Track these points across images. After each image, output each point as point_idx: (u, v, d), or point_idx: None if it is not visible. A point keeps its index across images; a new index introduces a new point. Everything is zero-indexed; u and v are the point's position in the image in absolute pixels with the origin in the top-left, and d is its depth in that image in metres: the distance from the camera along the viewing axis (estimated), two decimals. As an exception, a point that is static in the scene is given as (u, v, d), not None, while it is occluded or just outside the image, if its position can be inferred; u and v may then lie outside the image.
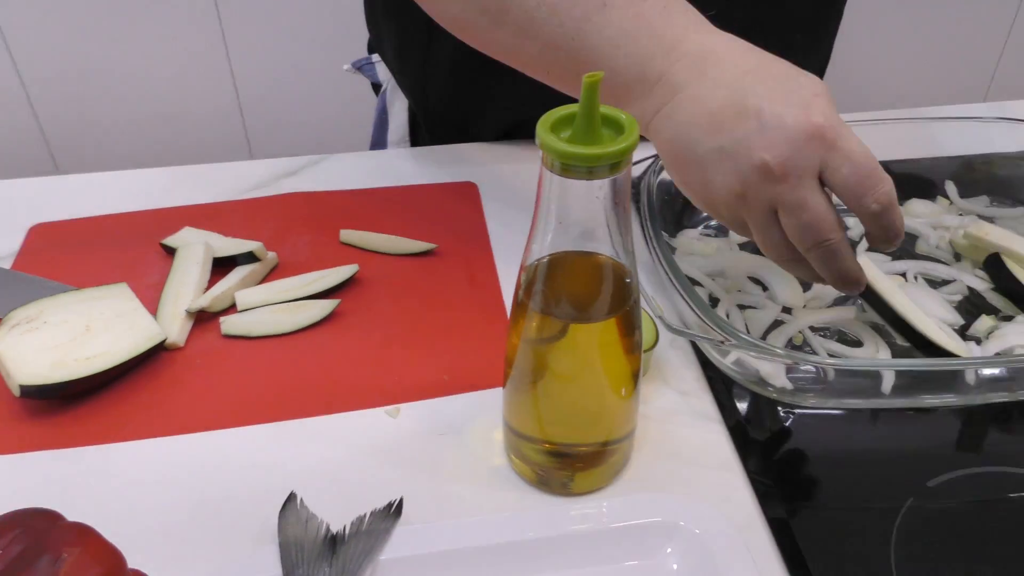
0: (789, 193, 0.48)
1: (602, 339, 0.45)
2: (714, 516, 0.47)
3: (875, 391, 0.54)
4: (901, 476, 0.53)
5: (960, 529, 0.50)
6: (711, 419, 0.56)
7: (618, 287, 0.45)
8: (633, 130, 0.40)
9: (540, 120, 0.40)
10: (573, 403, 0.47)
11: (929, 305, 0.61)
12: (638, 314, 0.47)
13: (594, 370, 0.46)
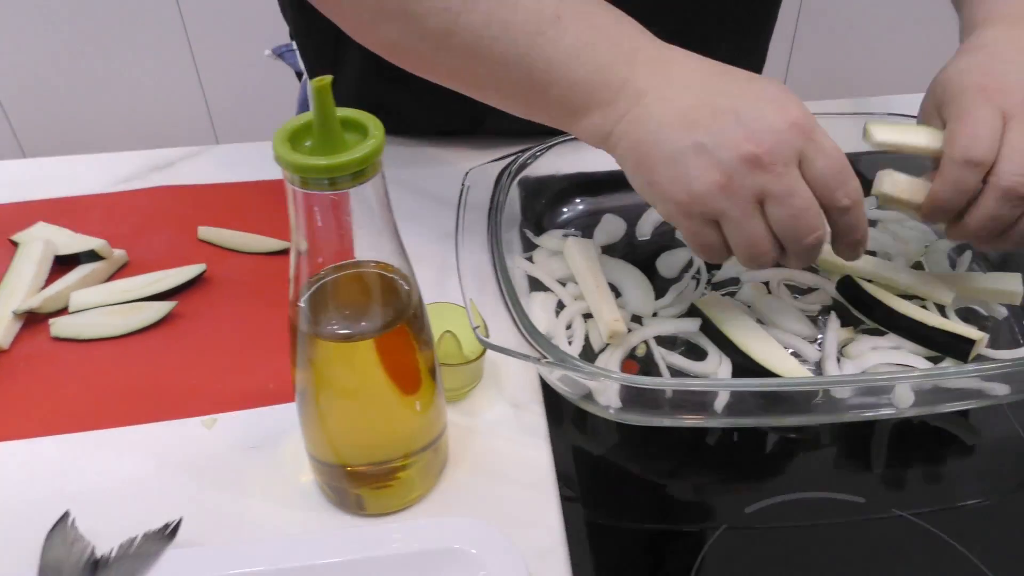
0: (776, 182, 0.47)
1: (380, 354, 0.43)
2: (502, 543, 0.45)
3: (707, 410, 0.52)
4: (722, 500, 0.50)
5: (768, 556, 0.48)
6: (538, 435, 0.54)
7: (391, 299, 0.42)
8: (377, 134, 0.37)
9: (278, 131, 0.37)
10: (354, 421, 0.45)
11: (781, 318, 0.58)
12: (422, 325, 0.45)
13: (372, 387, 0.44)
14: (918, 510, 0.49)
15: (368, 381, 0.44)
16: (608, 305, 0.57)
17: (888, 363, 0.55)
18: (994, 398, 0.53)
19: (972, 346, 0.54)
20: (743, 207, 0.48)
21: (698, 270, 0.63)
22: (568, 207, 0.69)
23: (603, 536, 0.49)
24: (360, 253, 0.41)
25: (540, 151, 0.65)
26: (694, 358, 0.57)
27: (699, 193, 0.48)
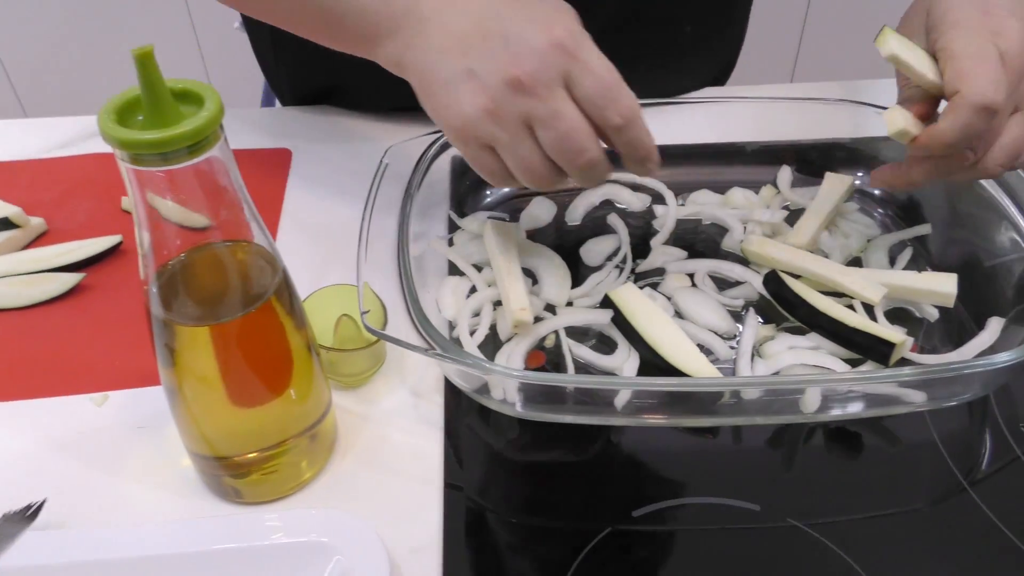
0: (541, 106, 0.47)
1: (239, 337, 0.41)
2: (368, 539, 0.43)
3: (608, 407, 0.50)
4: (610, 501, 0.48)
5: (648, 561, 0.46)
6: (433, 426, 0.52)
7: (250, 278, 0.41)
8: (212, 105, 0.35)
9: (104, 106, 0.35)
10: (217, 410, 0.43)
11: (700, 312, 0.56)
12: (291, 305, 0.43)
13: (232, 372, 0.42)
14: (815, 520, 0.47)
15: (227, 366, 0.42)
16: (517, 293, 0.55)
17: (803, 364, 0.52)
18: (910, 405, 0.50)
19: (892, 349, 0.51)
20: (512, 131, 0.48)
21: (623, 259, 0.61)
22: (500, 188, 0.67)
23: (487, 531, 0.47)
24: (212, 231, 0.39)
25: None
26: (607, 351, 0.55)
27: (470, 118, 0.48)
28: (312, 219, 0.67)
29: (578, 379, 0.51)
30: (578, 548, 0.46)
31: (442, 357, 0.46)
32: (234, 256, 0.41)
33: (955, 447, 0.51)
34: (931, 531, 0.47)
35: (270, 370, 0.43)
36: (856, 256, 0.61)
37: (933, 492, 0.49)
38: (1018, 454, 0.50)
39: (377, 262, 0.56)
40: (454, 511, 0.48)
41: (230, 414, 0.44)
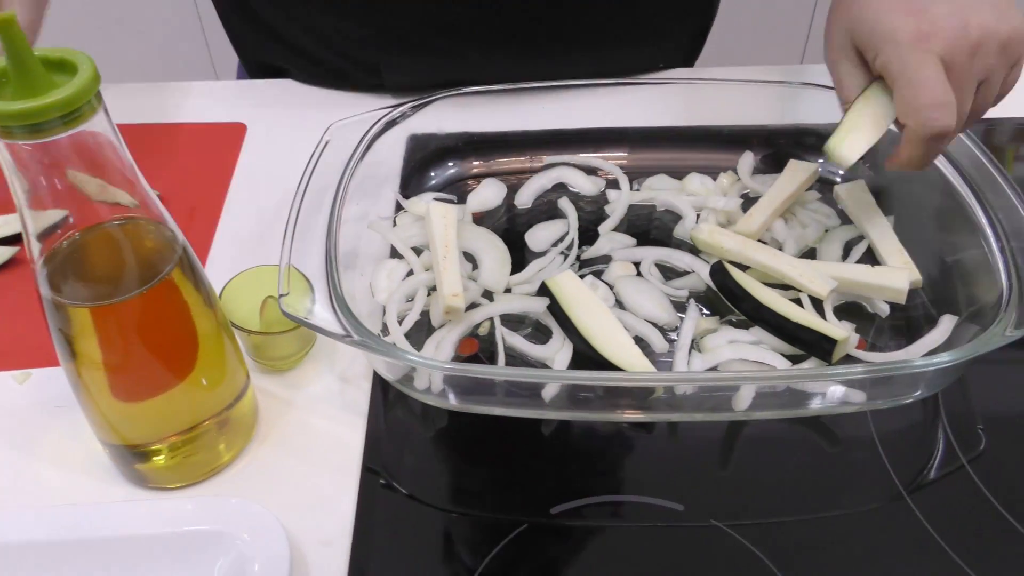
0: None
1: (132, 318, 0.40)
2: (271, 529, 0.42)
3: (536, 400, 0.48)
4: (531, 496, 0.46)
5: (560, 559, 0.44)
6: (358, 413, 0.51)
7: (143, 255, 0.39)
8: (86, 72, 0.33)
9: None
10: (120, 395, 0.42)
11: (641, 302, 0.53)
12: (198, 284, 0.41)
13: (126, 355, 0.41)
14: (739, 522, 0.45)
15: (125, 349, 0.40)
16: (451, 278, 0.53)
17: (741, 359, 0.50)
18: (850, 405, 0.48)
19: (834, 346, 0.49)
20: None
21: (569, 245, 0.59)
22: (449, 168, 0.65)
23: (403, 523, 0.46)
24: (99, 206, 0.38)
25: (415, 107, 0.61)
26: (543, 340, 0.53)
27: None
28: (259, 196, 0.66)
29: (487, 370, 0.49)
30: (493, 543, 0.45)
31: (355, 343, 0.45)
32: (127, 234, 0.39)
33: (897, 451, 0.48)
34: (861, 538, 0.45)
35: (173, 353, 0.42)
36: (812, 248, 0.58)
37: (868, 497, 0.47)
38: (963, 462, 0.48)
39: (315, 243, 0.54)
40: (371, 502, 0.47)
41: (132, 400, 0.42)
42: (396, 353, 0.45)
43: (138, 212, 0.39)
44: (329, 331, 0.46)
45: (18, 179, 0.35)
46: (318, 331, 0.46)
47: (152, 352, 0.41)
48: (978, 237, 0.52)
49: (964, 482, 0.47)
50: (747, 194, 0.62)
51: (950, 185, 0.56)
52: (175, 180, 0.67)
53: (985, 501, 0.46)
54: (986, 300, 0.50)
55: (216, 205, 0.65)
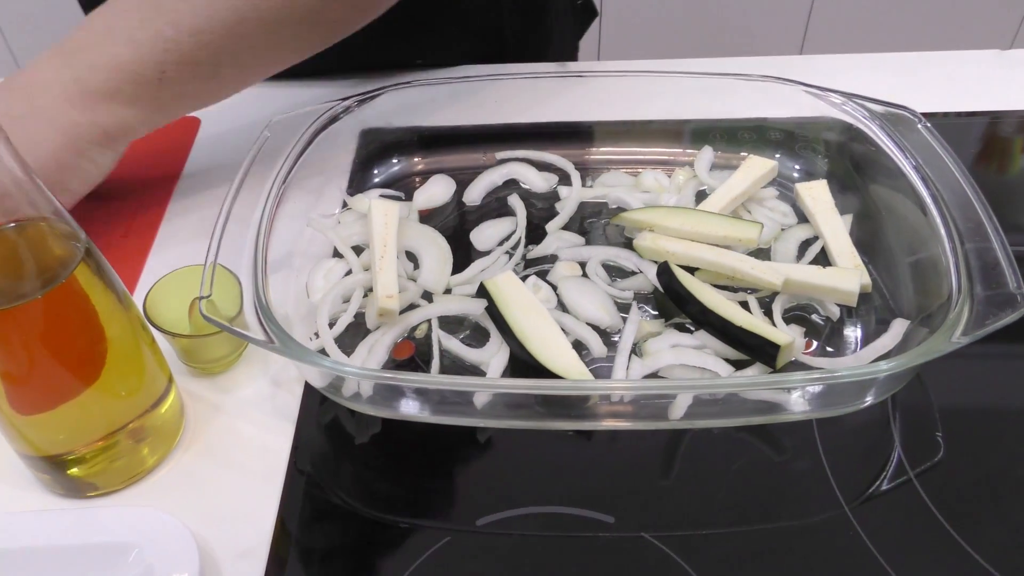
0: None
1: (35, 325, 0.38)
2: (181, 540, 0.41)
3: (468, 407, 0.46)
4: (454, 509, 0.45)
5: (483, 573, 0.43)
6: (287, 419, 0.49)
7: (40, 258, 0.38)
8: None
9: None
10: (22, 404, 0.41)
11: (584, 304, 0.52)
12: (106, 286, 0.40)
13: (34, 363, 0.39)
14: (670, 534, 0.43)
15: (24, 356, 0.39)
16: (386, 278, 0.51)
17: (683, 365, 0.48)
18: (794, 414, 0.46)
19: (778, 351, 0.47)
20: None
21: (515, 244, 0.57)
22: (396, 164, 0.63)
23: (326, 530, 0.44)
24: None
25: (361, 101, 0.59)
26: (481, 343, 0.51)
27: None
28: (208, 192, 0.64)
29: (408, 377, 0.47)
30: (416, 555, 0.43)
31: (275, 349, 0.43)
32: (23, 236, 0.37)
33: (841, 462, 0.46)
34: (797, 553, 0.43)
35: (79, 359, 0.40)
36: (767, 247, 0.56)
37: (808, 510, 0.45)
38: (911, 476, 0.46)
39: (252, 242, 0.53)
40: (294, 510, 0.45)
41: (37, 411, 0.41)
42: (312, 358, 0.43)
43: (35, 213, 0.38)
44: (249, 335, 0.44)
45: None
46: (237, 335, 0.44)
47: (56, 359, 0.40)
48: (934, 237, 0.50)
49: (910, 496, 0.45)
50: (704, 191, 0.60)
51: (907, 182, 0.53)
52: (123, 175, 0.66)
53: (931, 516, 0.44)
54: (937, 303, 0.48)
55: (163, 201, 0.64)
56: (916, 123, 0.56)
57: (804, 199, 0.58)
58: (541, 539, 0.44)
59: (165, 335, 0.49)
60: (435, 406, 0.47)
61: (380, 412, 0.47)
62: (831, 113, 0.59)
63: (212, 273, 0.47)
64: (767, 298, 0.53)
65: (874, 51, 0.75)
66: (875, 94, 0.59)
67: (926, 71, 0.73)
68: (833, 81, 0.60)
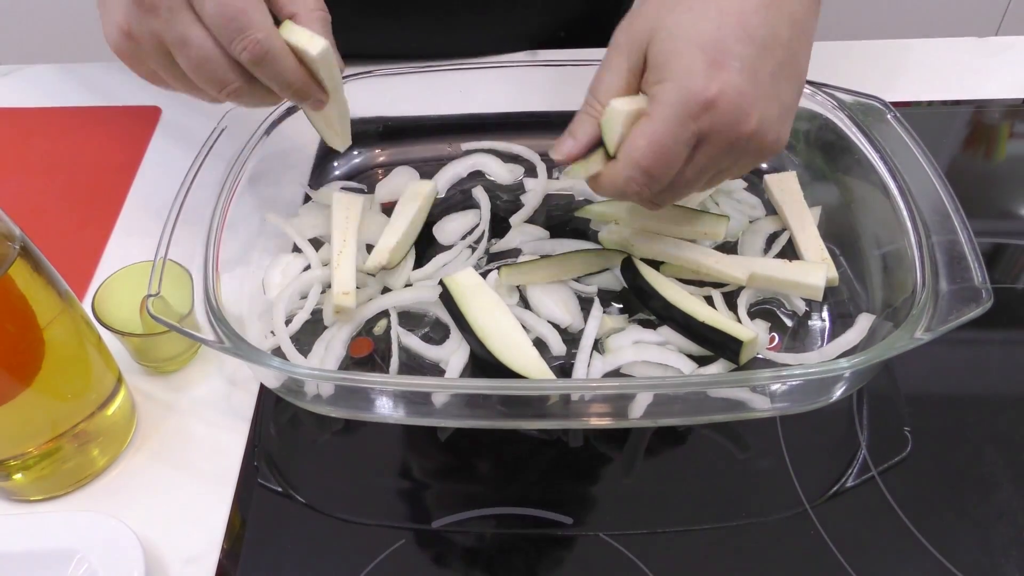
0: (167, 29, 0.43)
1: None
2: (126, 546, 0.40)
3: (426, 406, 0.45)
4: (411, 510, 0.44)
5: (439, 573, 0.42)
6: (242, 419, 0.48)
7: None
8: None
9: None
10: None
11: (543, 301, 0.51)
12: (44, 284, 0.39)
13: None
14: (626, 533, 0.42)
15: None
16: (343, 274, 0.50)
17: (645, 362, 0.47)
18: (756, 411, 0.45)
19: (741, 347, 0.46)
20: (150, 53, 0.44)
21: (479, 238, 0.56)
22: (357, 156, 0.61)
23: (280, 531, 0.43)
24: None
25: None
26: (440, 340, 0.50)
27: (113, 37, 0.45)
28: (167, 184, 0.62)
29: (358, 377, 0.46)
30: (372, 556, 0.42)
31: (225, 349, 0.42)
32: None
33: (804, 459, 0.46)
34: (756, 551, 0.42)
35: (12, 361, 0.39)
36: (734, 240, 0.55)
37: (769, 508, 0.44)
38: (874, 473, 0.45)
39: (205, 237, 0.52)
40: (246, 513, 0.44)
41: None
42: (262, 359, 0.42)
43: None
44: (198, 336, 0.43)
45: None
46: (186, 335, 0.43)
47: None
48: (901, 230, 0.50)
49: (872, 494, 0.45)
50: (673, 182, 0.59)
51: (876, 173, 0.52)
52: (80, 167, 0.64)
53: (893, 514, 0.44)
54: (903, 297, 0.47)
55: (120, 194, 0.62)
56: (885, 113, 0.55)
57: (773, 191, 0.57)
58: (498, 539, 0.43)
59: (115, 334, 0.48)
60: (394, 406, 0.46)
61: (337, 412, 0.46)
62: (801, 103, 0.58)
63: (161, 270, 0.46)
64: (734, 293, 0.52)
65: (853, 39, 0.74)
66: (854, 83, 0.58)
67: (907, 59, 0.72)
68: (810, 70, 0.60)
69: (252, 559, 0.42)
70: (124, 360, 0.50)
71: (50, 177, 0.63)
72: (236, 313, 0.47)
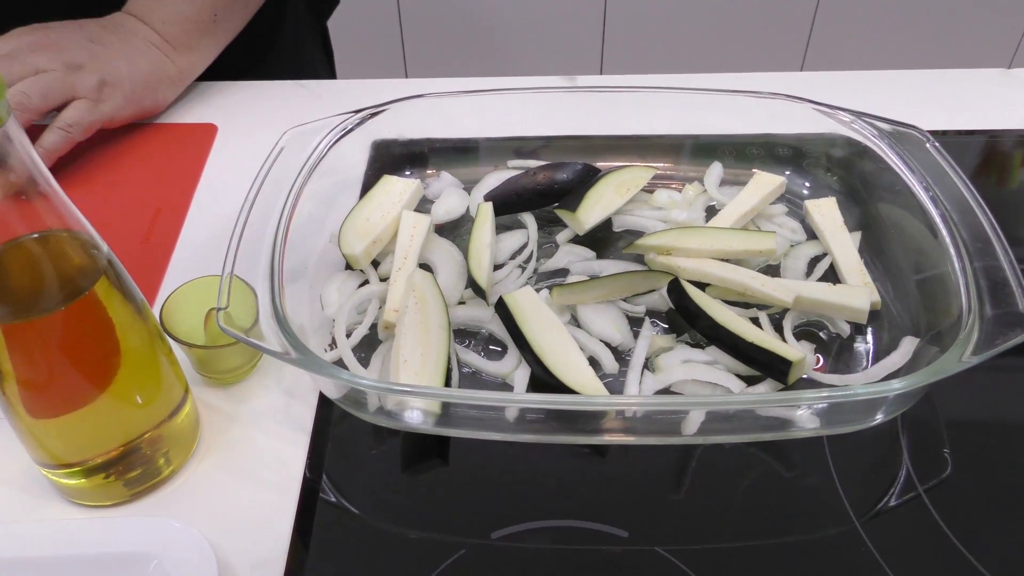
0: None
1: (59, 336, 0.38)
2: (199, 551, 0.41)
3: (496, 422, 0.47)
4: (474, 518, 0.45)
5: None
6: (302, 430, 0.50)
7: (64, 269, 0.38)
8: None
9: None
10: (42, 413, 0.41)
11: (595, 320, 0.52)
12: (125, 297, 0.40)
13: (54, 372, 0.40)
14: (684, 548, 0.44)
15: (42, 366, 0.39)
16: (397, 292, 0.52)
17: (694, 380, 0.49)
18: (804, 430, 0.47)
19: (790, 368, 0.47)
20: None
21: (528, 257, 0.58)
22: (408, 175, 0.63)
23: (341, 541, 0.45)
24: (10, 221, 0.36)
25: (374, 112, 0.59)
26: (496, 355, 0.52)
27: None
28: (224, 200, 0.65)
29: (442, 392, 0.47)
30: (431, 567, 0.43)
31: (293, 361, 0.44)
32: (46, 248, 0.38)
33: (851, 477, 0.47)
34: (808, 568, 0.43)
35: (97, 370, 0.41)
36: (776, 264, 0.57)
37: (818, 525, 0.45)
38: (920, 491, 0.47)
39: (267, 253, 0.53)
40: (310, 521, 0.45)
41: (55, 418, 0.41)
42: (332, 371, 0.43)
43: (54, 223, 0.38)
44: (266, 347, 0.44)
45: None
46: (255, 347, 0.44)
47: (77, 369, 0.40)
48: (942, 255, 0.51)
49: (919, 512, 0.46)
50: (713, 206, 0.61)
51: (917, 200, 0.54)
52: (142, 183, 0.66)
53: (940, 533, 0.45)
54: (947, 322, 0.48)
55: (181, 209, 0.64)
56: (924, 142, 0.56)
57: (813, 216, 0.58)
58: (556, 552, 0.44)
59: (181, 345, 0.49)
60: (459, 420, 0.47)
61: (399, 425, 0.48)
62: (839, 131, 0.60)
63: (229, 284, 0.47)
64: (776, 314, 0.54)
65: (874, 68, 0.76)
66: (878, 111, 0.60)
67: (929, 89, 0.74)
68: (836, 97, 0.61)
69: (316, 568, 0.44)
70: (187, 371, 0.51)
71: (113, 192, 0.65)
72: (296, 326, 0.49)
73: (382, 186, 0.60)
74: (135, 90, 0.67)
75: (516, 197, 0.60)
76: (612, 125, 0.66)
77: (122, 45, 0.67)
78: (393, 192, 0.59)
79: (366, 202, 0.59)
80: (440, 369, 0.48)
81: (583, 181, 0.60)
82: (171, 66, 0.70)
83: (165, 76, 0.69)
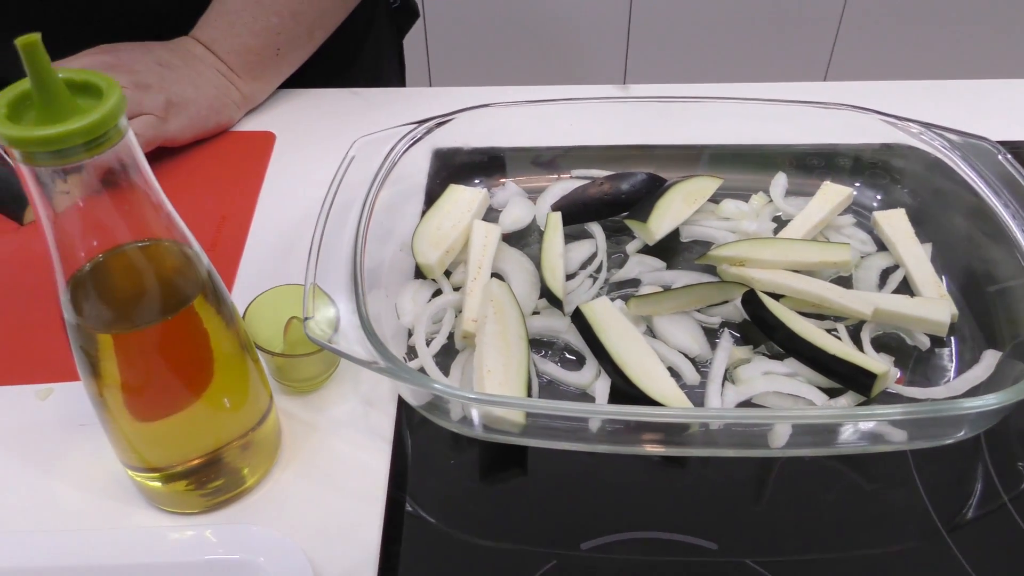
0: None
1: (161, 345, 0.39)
2: (293, 558, 0.41)
3: (580, 432, 0.47)
4: (561, 530, 0.45)
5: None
6: (382, 438, 0.50)
7: (168, 280, 0.39)
8: (112, 97, 0.32)
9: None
10: (141, 418, 0.41)
11: (672, 331, 0.52)
12: (220, 307, 0.40)
13: (157, 381, 0.40)
14: (773, 559, 0.44)
15: (148, 374, 0.39)
16: (474, 302, 0.52)
17: (776, 392, 0.49)
18: (891, 444, 0.47)
19: (874, 380, 0.47)
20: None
21: (598, 267, 0.58)
22: (476, 184, 0.63)
23: (427, 554, 0.45)
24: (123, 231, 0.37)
25: (440, 123, 0.60)
26: (573, 365, 0.52)
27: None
28: (287, 208, 0.65)
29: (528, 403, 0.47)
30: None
31: (382, 371, 0.44)
32: (150, 256, 0.38)
33: (937, 488, 0.47)
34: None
35: (195, 377, 0.41)
36: (847, 276, 0.57)
37: (906, 536, 0.45)
38: (1005, 500, 0.46)
39: (338, 260, 0.53)
40: (396, 531, 0.46)
41: (153, 422, 0.41)
42: (425, 382, 0.44)
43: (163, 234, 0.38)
44: (355, 357, 0.45)
45: (41, 202, 0.34)
46: (343, 356, 0.45)
47: (175, 376, 0.40)
48: (1020, 266, 0.51)
49: (1005, 520, 0.46)
50: (779, 217, 0.61)
51: (991, 211, 0.54)
52: (204, 190, 0.66)
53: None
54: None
55: (246, 217, 0.64)
56: (996, 154, 0.56)
57: (883, 227, 0.58)
58: (647, 564, 0.44)
59: (263, 353, 0.49)
60: (538, 430, 0.47)
61: (482, 435, 0.48)
62: (907, 141, 0.60)
63: (313, 294, 0.48)
64: (850, 326, 0.54)
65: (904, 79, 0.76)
66: (943, 121, 0.60)
67: (993, 99, 0.74)
68: (891, 106, 0.61)
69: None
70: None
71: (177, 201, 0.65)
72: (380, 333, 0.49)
73: (449, 195, 0.60)
74: (200, 112, 0.69)
75: (583, 207, 0.61)
76: (671, 134, 0.66)
77: (188, 70, 0.69)
78: (461, 201, 0.60)
79: (435, 211, 0.59)
80: (522, 379, 0.48)
81: (648, 191, 0.61)
82: (236, 92, 0.71)
83: (230, 100, 0.71)
